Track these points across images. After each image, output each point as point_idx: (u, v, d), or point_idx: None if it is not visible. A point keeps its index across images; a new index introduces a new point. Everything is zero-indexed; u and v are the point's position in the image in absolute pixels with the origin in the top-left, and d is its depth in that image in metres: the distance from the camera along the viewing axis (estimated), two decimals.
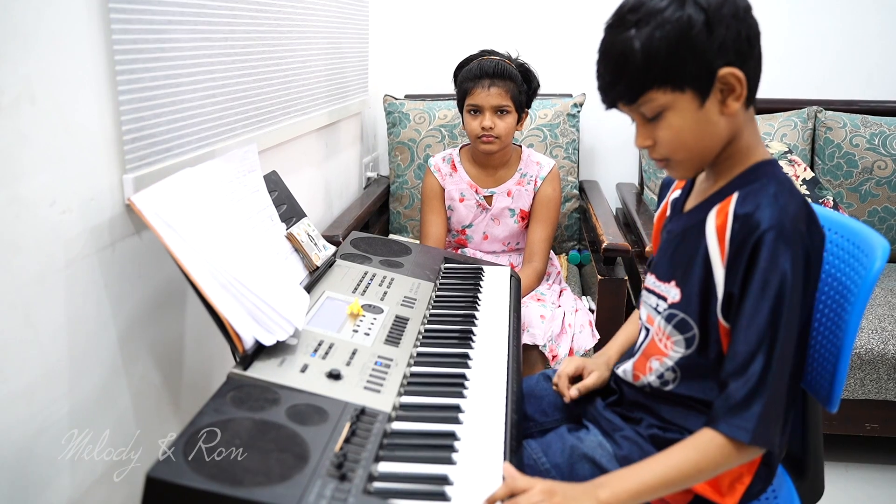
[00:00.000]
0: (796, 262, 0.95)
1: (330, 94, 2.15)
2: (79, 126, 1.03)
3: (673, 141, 1.02)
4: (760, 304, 0.96)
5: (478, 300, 1.49)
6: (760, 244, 0.96)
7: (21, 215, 0.93)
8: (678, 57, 0.96)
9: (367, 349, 1.18)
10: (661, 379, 1.12)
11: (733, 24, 0.96)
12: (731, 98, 0.98)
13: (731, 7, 0.96)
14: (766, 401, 0.95)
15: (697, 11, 0.95)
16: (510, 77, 2.02)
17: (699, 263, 1.04)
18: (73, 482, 1.06)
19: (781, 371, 0.96)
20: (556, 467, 1.13)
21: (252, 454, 0.86)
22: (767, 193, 0.99)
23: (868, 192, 2.49)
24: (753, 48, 0.98)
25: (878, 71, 2.73)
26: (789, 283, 0.95)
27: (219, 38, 1.38)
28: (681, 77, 0.97)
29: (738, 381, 0.96)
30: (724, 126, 1.01)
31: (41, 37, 0.94)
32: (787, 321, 0.96)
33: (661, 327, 1.12)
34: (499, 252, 2.24)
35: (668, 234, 1.13)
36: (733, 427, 0.95)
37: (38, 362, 0.98)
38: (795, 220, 0.96)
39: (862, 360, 1.99)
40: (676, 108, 0.99)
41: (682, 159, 1.04)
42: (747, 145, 1.04)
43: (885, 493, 2.08)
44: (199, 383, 1.41)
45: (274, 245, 1.34)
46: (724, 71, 0.96)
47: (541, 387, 1.35)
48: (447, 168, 2.20)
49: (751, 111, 1.04)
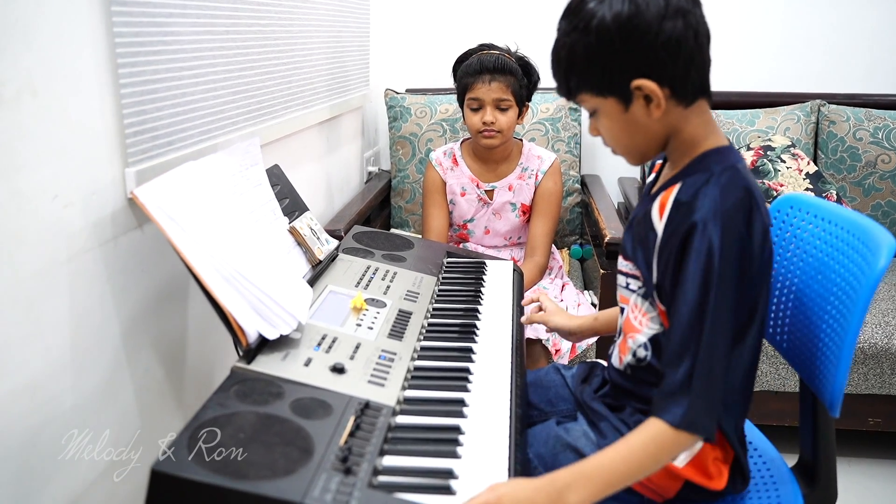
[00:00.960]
0: (727, 252, 0.95)
1: (331, 88, 2.14)
2: (80, 119, 1.03)
3: (608, 137, 1.08)
4: (687, 294, 0.97)
5: (481, 294, 1.48)
6: (691, 234, 0.97)
7: (23, 209, 0.92)
8: (593, 68, 1.01)
9: (371, 343, 1.18)
10: (635, 357, 1.13)
11: (648, 33, 0.96)
12: (653, 105, 1.00)
13: (650, 14, 0.95)
14: (695, 391, 0.95)
15: (614, 23, 0.96)
16: (511, 71, 2.01)
17: (648, 247, 1.06)
18: (76, 477, 1.06)
19: (711, 360, 0.95)
20: (538, 457, 1.14)
21: (256, 448, 0.86)
22: (706, 183, 1.00)
23: (871, 186, 2.48)
24: (679, 51, 0.97)
25: (882, 64, 2.72)
26: (716, 273, 0.95)
27: (220, 32, 1.38)
28: (599, 86, 1.02)
29: (670, 370, 0.98)
30: (657, 126, 1.03)
31: (42, 30, 0.94)
32: (716, 312, 0.95)
33: (637, 304, 1.13)
34: (500, 246, 2.24)
35: (633, 216, 1.14)
36: (666, 412, 0.96)
37: (40, 357, 0.97)
38: (731, 210, 0.96)
39: (865, 354, 1.98)
40: (604, 111, 1.04)
41: (623, 153, 1.10)
42: (692, 138, 1.04)
43: (887, 487, 2.07)
44: (202, 377, 1.41)
45: (277, 239, 1.33)
46: (636, 83, 0.98)
47: (549, 378, 1.35)
48: (448, 162, 2.20)
49: (698, 104, 1.03)
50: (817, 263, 1.17)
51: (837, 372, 1.05)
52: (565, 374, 1.35)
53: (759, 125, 2.57)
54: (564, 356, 1.88)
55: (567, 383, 1.33)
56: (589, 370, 1.32)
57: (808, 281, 1.19)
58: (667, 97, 1.00)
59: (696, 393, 0.95)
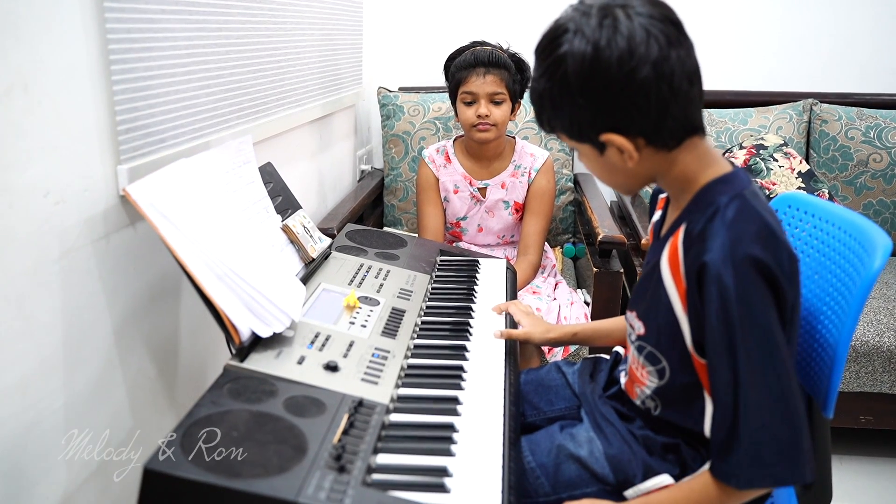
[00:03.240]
0: (745, 286, 0.88)
1: (324, 86, 2.14)
2: (72, 116, 1.02)
3: (592, 172, 1.04)
4: (716, 339, 0.91)
5: (474, 292, 1.48)
6: (704, 275, 0.91)
7: (14, 206, 0.91)
8: (562, 116, 0.96)
9: (364, 341, 1.17)
10: (644, 405, 1.11)
11: (611, 87, 0.89)
12: (625, 156, 0.95)
13: (612, 65, 0.88)
14: (746, 441, 0.90)
15: (575, 77, 0.90)
16: (504, 66, 2.01)
17: (661, 297, 1.00)
18: (68, 475, 1.05)
19: (760, 403, 0.90)
20: (541, 466, 1.12)
21: (250, 446, 0.85)
22: (712, 220, 0.93)
23: (863, 184, 2.49)
24: (648, 102, 0.89)
25: (874, 63, 2.73)
26: (735, 311, 0.88)
27: (213, 29, 1.37)
28: (570, 133, 0.97)
29: (716, 423, 0.95)
30: (637, 168, 0.97)
31: (34, 25, 0.93)
32: (747, 351, 0.89)
33: (635, 357, 1.10)
34: (493, 245, 2.24)
35: (646, 264, 1.08)
36: (722, 473, 0.94)
37: (32, 354, 0.97)
38: (743, 242, 0.89)
39: (857, 352, 1.99)
40: (581, 152, 1.01)
41: (609, 186, 1.07)
42: (684, 175, 0.98)
43: (879, 485, 2.08)
44: (195, 375, 1.41)
45: (269, 237, 1.33)
46: (604, 137, 0.93)
47: (550, 377, 1.34)
48: (441, 159, 2.19)
49: (688, 143, 0.96)
50: (814, 263, 1.17)
51: (832, 372, 1.05)
52: (566, 371, 1.33)
53: (752, 124, 2.57)
54: (557, 355, 1.88)
55: (569, 382, 1.31)
56: (593, 366, 1.31)
57: (805, 280, 1.18)
58: (642, 146, 0.94)
59: (748, 443, 0.90)
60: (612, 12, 0.89)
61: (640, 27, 0.88)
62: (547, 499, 1.10)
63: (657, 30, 0.88)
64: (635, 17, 0.89)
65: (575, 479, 1.10)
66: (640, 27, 0.88)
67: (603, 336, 1.38)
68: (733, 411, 0.91)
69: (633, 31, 0.88)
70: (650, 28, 0.88)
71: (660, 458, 1.08)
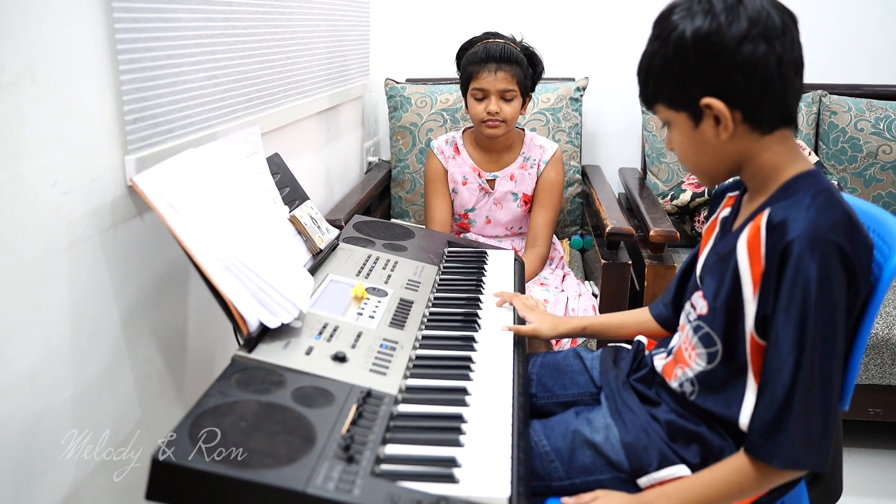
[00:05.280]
0: (827, 272, 0.91)
1: (331, 77, 2.13)
2: (80, 105, 1.02)
3: (679, 152, 1.07)
4: (786, 320, 0.93)
5: (482, 283, 1.48)
6: (787, 255, 0.93)
7: (22, 195, 0.91)
8: (668, 79, 1.01)
9: (372, 332, 1.17)
10: (681, 388, 1.11)
11: (724, 53, 0.94)
12: (721, 127, 0.98)
13: (730, 34, 0.94)
14: (794, 422, 0.93)
15: (692, 38, 0.96)
16: (516, 61, 1.99)
17: (728, 279, 1.02)
18: (76, 466, 1.05)
19: (812, 389, 0.92)
20: (556, 451, 1.12)
21: (258, 437, 0.85)
22: (800, 205, 0.95)
23: (873, 176, 2.47)
24: (755, 76, 0.95)
25: (884, 55, 2.71)
26: (813, 296, 0.91)
27: (220, 19, 1.36)
28: (671, 98, 1.02)
29: (765, 402, 0.96)
30: (727, 147, 1.01)
31: (42, 14, 0.93)
32: (815, 336, 0.92)
33: (688, 336, 1.11)
34: (501, 236, 2.23)
35: (717, 254, 1.09)
36: (762, 452, 0.96)
37: (40, 345, 0.97)
38: (829, 229, 0.92)
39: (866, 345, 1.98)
40: (676, 125, 1.04)
41: (691, 170, 1.09)
42: (771, 164, 1.01)
43: (887, 477, 2.07)
44: (202, 366, 1.41)
45: (277, 228, 1.33)
46: (706, 101, 0.97)
47: (567, 362, 1.34)
48: (450, 151, 2.19)
49: (779, 133, 0.99)
50: None
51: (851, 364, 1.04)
52: (585, 357, 1.33)
53: None
54: (566, 344, 1.87)
55: (587, 367, 1.31)
56: (615, 353, 1.31)
57: None
58: (738, 121, 0.98)
59: (796, 425, 0.93)
60: None
61: (763, 8, 0.95)
62: (560, 483, 1.11)
63: (776, 14, 0.96)
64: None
65: (589, 465, 1.10)
66: (763, 8, 0.95)
67: (615, 329, 1.37)
68: (788, 392, 0.93)
69: (756, 8, 0.95)
70: (771, 11, 0.96)
71: (683, 444, 1.08)
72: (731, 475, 0.99)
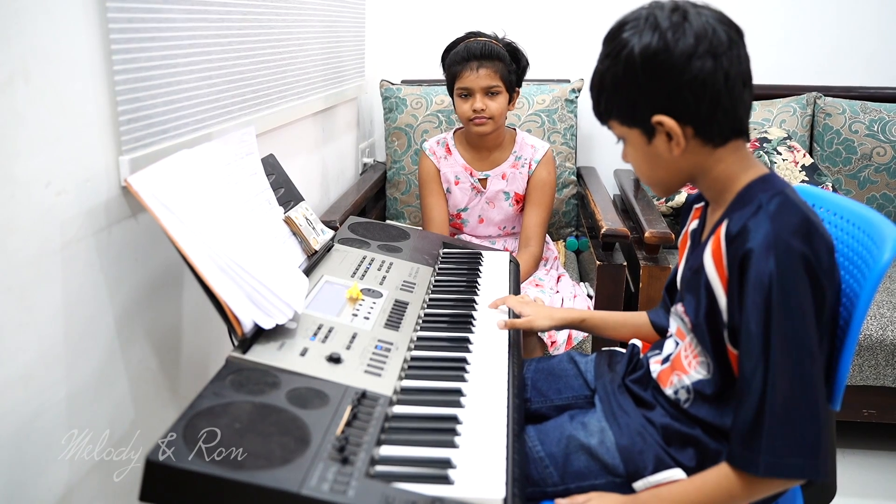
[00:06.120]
0: (786, 274, 0.91)
1: (326, 78, 2.13)
2: (74, 106, 1.01)
3: (634, 166, 1.09)
4: (751, 325, 0.93)
5: (477, 285, 1.48)
6: (747, 263, 0.94)
7: (16, 196, 0.91)
8: (619, 97, 1.02)
9: (367, 333, 1.17)
10: (676, 395, 1.11)
11: (672, 71, 0.95)
12: (673, 143, 0.99)
13: (677, 51, 0.94)
14: (773, 427, 0.92)
15: (640, 56, 0.96)
16: (498, 57, 2.00)
17: (703, 293, 1.02)
18: (70, 467, 1.05)
19: (789, 392, 0.92)
20: (550, 456, 1.12)
21: (252, 438, 0.85)
22: (756, 211, 0.96)
23: (867, 178, 2.48)
24: (703, 92, 0.95)
25: (878, 57, 2.72)
26: (775, 297, 0.91)
27: (215, 20, 1.36)
28: (623, 115, 1.03)
29: (742, 409, 0.95)
30: (681, 163, 1.02)
31: (35, 14, 0.93)
32: (782, 337, 0.92)
33: (690, 343, 1.10)
34: (494, 236, 2.23)
35: (690, 269, 1.09)
36: (742, 461, 0.95)
37: (34, 346, 0.96)
38: (785, 231, 0.92)
39: (860, 346, 1.98)
40: (629, 141, 1.05)
41: (646, 183, 1.10)
42: (726, 175, 1.02)
43: (881, 478, 2.08)
44: (197, 367, 1.40)
45: (272, 228, 1.33)
46: (657, 118, 0.98)
47: (562, 366, 1.33)
48: (442, 151, 2.19)
49: (731, 144, 1.01)
50: None
51: (840, 364, 1.04)
52: (579, 361, 1.33)
53: (756, 117, 2.56)
54: (560, 347, 1.88)
55: (581, 371, 1.30)
56: (609, 357, 1.31)
57: None
58: (690, 136, 0.99)
59: (772, 431, 0.92)
60: (683, 7, 0.98)
61: (708, 24, 0.96)
62: (555, 489, 1.10)
63: (722, 29, 0.96)
64: (704, 14, 0.97)
65: (584, 469, 1.10)
66: (708, 24, 0.96)
67: (612, 327, 1.37)
68: (760, 397, 0.93)
69: (701, 25, 0.96)
70: (716, 27, 0.96)
71: (678, 447, 1.08)
72: (721, 481, 0.98)
